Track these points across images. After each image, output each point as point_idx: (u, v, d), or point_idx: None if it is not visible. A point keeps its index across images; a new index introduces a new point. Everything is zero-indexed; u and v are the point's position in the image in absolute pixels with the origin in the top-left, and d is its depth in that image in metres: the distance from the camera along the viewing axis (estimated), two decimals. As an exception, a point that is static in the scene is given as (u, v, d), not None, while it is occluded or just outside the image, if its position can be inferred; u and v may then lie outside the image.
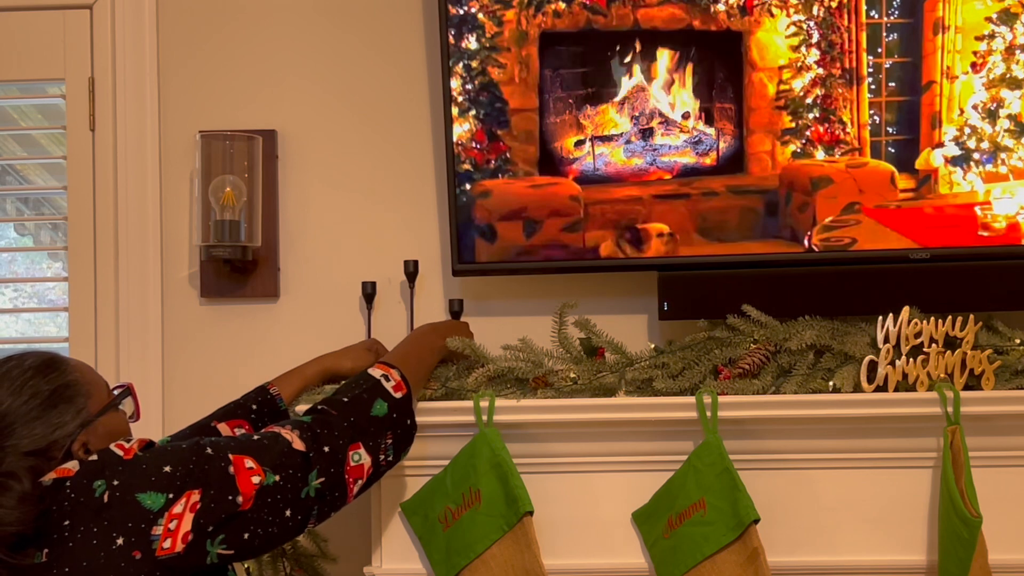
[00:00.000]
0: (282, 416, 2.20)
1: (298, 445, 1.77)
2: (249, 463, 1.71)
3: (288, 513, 1.74)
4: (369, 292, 2.46)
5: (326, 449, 1.80)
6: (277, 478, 1.72)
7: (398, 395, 1.95)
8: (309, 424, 1.83)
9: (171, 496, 1.62)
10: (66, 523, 1.60)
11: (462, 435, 2.15)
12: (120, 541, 1.59)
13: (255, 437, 1.77)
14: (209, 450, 1.69)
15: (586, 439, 2.16)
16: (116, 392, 1.81)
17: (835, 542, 2.15)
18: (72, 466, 1.65)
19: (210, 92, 2.57)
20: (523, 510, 2.06)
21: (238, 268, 2.51)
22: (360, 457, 1.86)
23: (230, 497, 1.67)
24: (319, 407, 1.89)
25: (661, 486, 2.14)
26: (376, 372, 1.98)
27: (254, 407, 2.18)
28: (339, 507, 1.84)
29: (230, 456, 1.70)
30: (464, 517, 2.11)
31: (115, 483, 1.62)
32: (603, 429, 2.14)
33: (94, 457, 1.66)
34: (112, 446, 1.67)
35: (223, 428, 2.14)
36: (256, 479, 1.70)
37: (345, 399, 1.90)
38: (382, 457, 1.91)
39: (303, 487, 1.76)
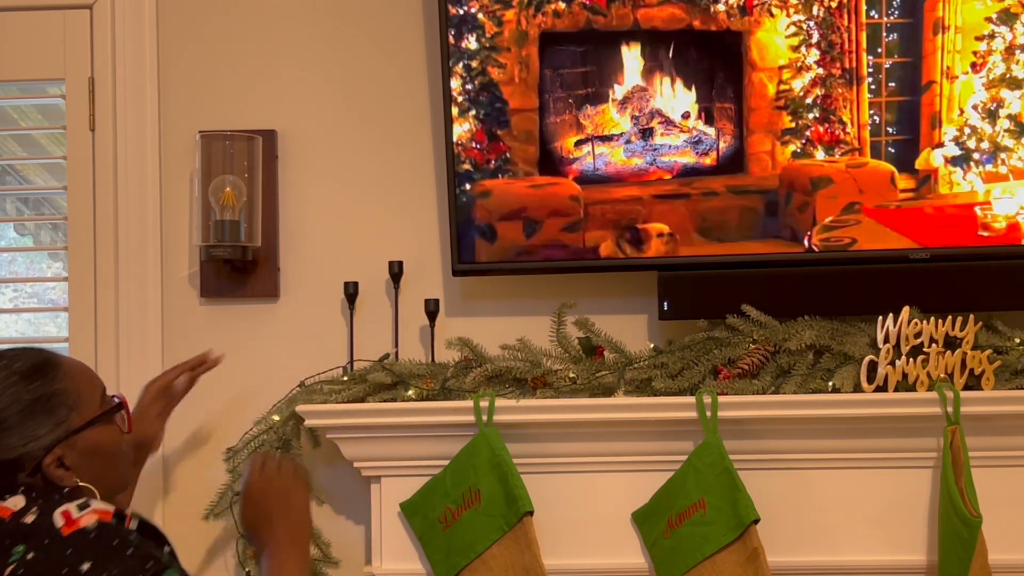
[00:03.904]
0: None
1: None
2: None
3: None
4: (351, 292, 2.44)
5: None
6: None
7: None
8: None
9: None
10: None
11: (462, 435, 2.15)
12: None
13: None
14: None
15: (586, 439, 2.16)
16: (111, 404, 1.69)
17: (835, 542, 2.15)
18: (12, 504, 1.51)
19: (210, 92, 2.57)
20: (523, 510, 2.06)
21: (238, 268, 2.51)
22: None
23: None
24: None
25: (661, 486, 2.14)
26: None
27: None
28: None
29: None
30: (464, 517, 2.11)
31: (28, 557, 1.45)
32: (603, 429, 2.14)
33: (33, 518, 1.49)
34: (58, 512, 1.49)
35: None
36: None
37: None
38: None
39: None
